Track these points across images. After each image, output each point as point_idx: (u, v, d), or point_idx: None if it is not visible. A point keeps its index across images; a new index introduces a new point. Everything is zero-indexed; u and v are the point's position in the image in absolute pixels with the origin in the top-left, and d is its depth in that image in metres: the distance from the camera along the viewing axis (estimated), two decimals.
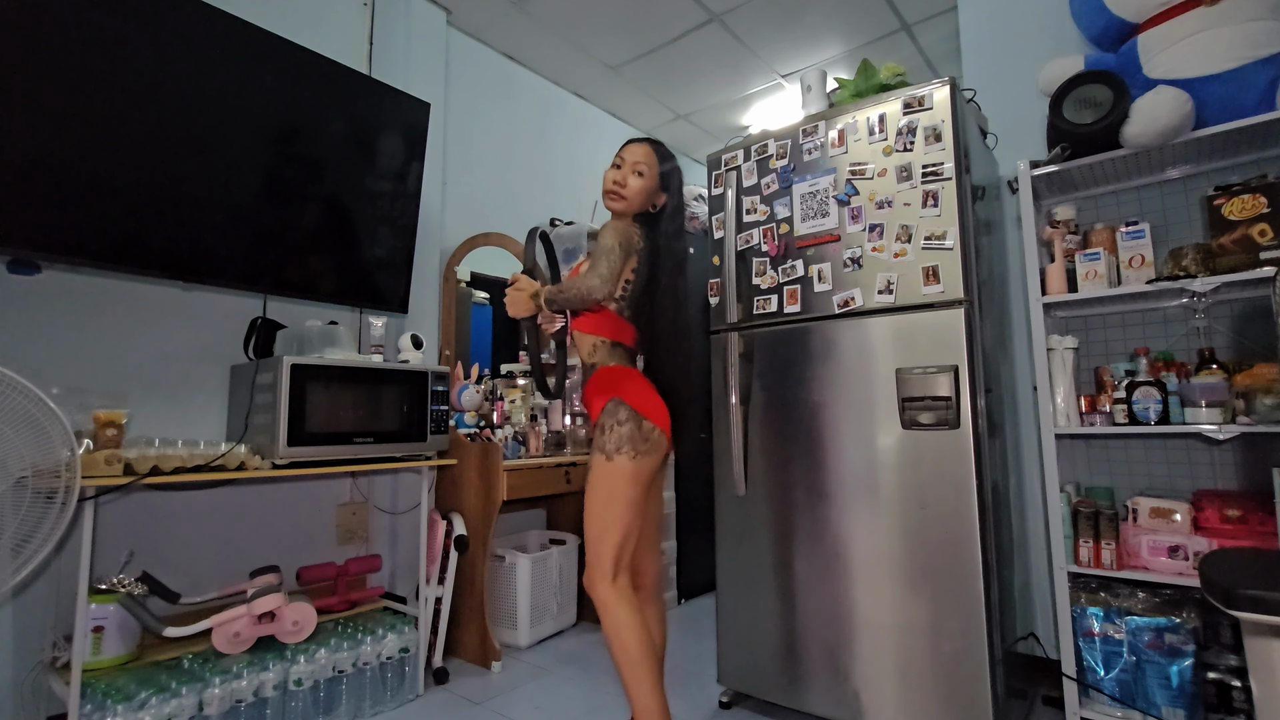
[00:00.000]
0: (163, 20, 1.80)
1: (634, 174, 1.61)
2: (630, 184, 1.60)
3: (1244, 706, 1.52)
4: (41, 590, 1.74)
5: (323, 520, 2.39)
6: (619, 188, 1.61)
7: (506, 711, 2.00)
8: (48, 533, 1.37)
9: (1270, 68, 1.64)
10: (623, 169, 1.62)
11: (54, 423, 1.38)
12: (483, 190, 3.12)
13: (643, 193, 1.62)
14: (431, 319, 2.75)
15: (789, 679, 1.83)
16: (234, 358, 2.16)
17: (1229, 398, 1.58)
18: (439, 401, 2.23)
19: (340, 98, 2.21)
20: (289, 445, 1.83)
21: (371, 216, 2.33)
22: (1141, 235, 1.75)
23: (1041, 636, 2.06)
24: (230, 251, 1.98)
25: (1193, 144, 1.71)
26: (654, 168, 1.62)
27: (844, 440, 1.78)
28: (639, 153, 1.63)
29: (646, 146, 1.64)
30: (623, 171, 1.61)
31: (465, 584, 2.37)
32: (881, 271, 1.76)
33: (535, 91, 3.46)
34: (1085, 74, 1.79)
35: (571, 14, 2.98)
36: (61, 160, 1.65)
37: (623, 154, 1.64)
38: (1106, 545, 1.69)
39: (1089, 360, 2.00)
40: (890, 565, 1.68)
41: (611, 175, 1.62)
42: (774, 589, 1.87)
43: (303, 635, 1.83)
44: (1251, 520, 1.60)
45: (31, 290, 1.80)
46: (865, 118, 1.83)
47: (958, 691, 1.57)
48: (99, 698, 1.52)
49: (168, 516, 1.99)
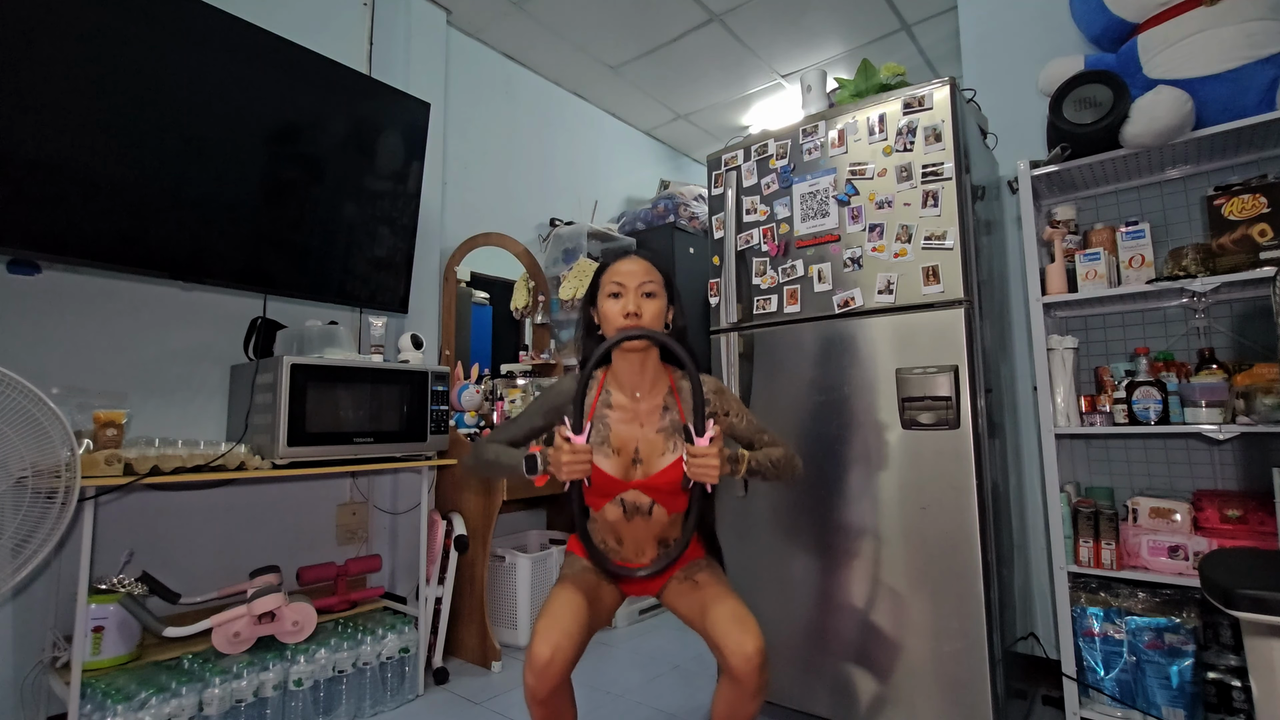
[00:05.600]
0: (163, 20, 1.80)
1: (642, 297, 1.34)
2: (646, 312, 1.33)
3: (1244, 706, 1.52)
4: (41, 590, 1.74)
5: (323, 520, 2.39)
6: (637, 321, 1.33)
7: (506, 711, 2.00)
8: (48, 533, 1.37)
9: (1270, 68, 1.64)
10: (625, 297, 1.33)
11: (54, 423, 1.38)
12: (483, 190, 3.12)
13: (660, 316, 1.36)
14: (431, 319, 2.75)
15: (789, 679, 1.83)
16: (234, 358, 2.16)
17: (1229, 398, 1.58)
18: (439, 401, 2.23)
19: (340, 98, 2.21)
20: (289, 445, 1.83)
21: (371, 216, 2.33)
22: (1141, 235, 1.75)
23: (1041, 636, 2.06)
24: (230, 251, 1.98)
25: (1193, 144, 1.71)
26: (658, 280, 1.37)
27: (844, 440, 1.78)
28: (636, 270, 1.35)
29: (639, 261, 1.38)
30: (629, 300, 1.33)
31: (465, 584, 2.37)
32: (881, 271, 1.76)
33: (535, 91, 3.46)
34: (1085, 74, 1.79)
35: (571, 14, 2.98)
36: (61, 160, 1.65)
37: (615, 278, 1.35)
38: (1106, 545, 1.69)
39: (1089, 360, 2.00)
40: (890, 565, 1.68)
41: (617, 308, 1.33)
42: (774, 589, 1.87)
43: (303, 635, 1.83)
44: (1251, 520, 1.60)
45: (31, 290, 1.80)
46: (865, 118, 1.83)
47: (958, 691, 1.57)
48: (99, 698, 1.52)
49: (168, 516, 1.99)
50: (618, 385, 1.39)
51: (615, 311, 1.33)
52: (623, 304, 1.33)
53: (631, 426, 1.36)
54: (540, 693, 1.19)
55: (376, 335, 2.34)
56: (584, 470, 1.26)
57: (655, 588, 1.44)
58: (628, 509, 1.35)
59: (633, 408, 1.37)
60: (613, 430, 1.35)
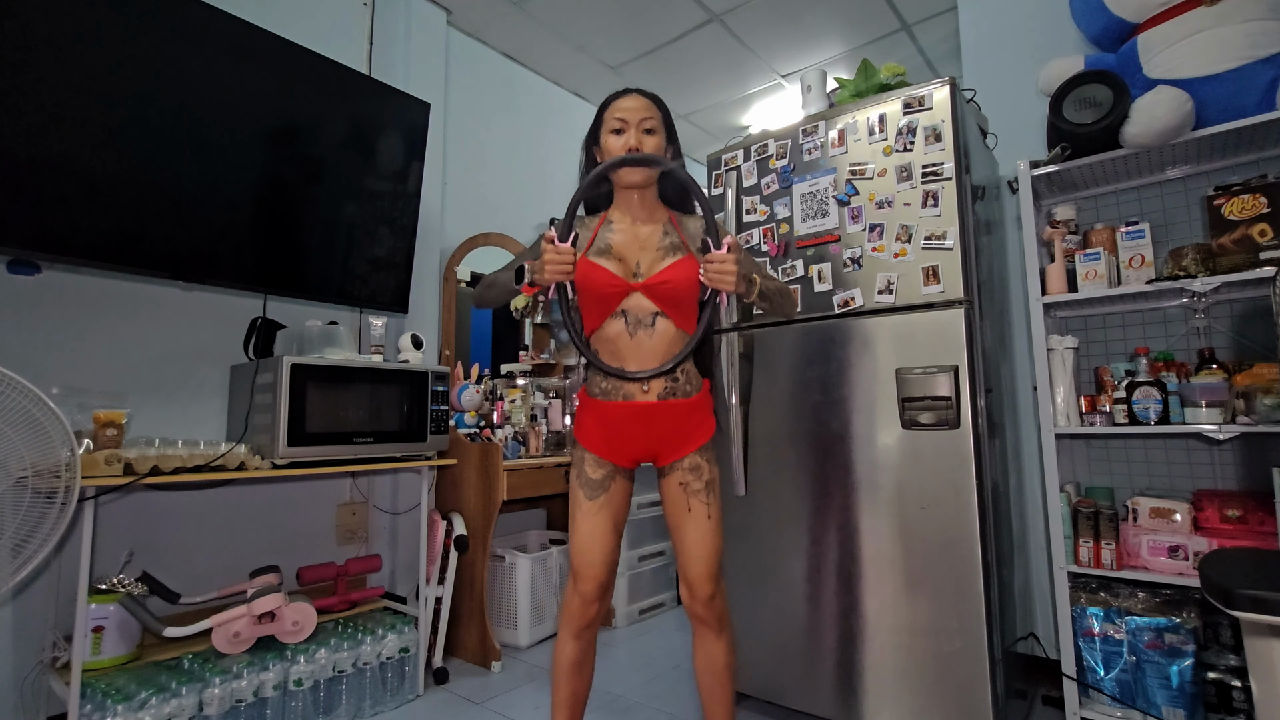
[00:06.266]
0: (163, 20, 1.80)
1: (643, 133, 1.38)
2: (646, 147, 1.37)
3: (1244, 706, 1.52)
4: (41, 590, 1.74)
5: (323, 520, 2.39)
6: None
7: (506, 711, 2.00)
8: (48, 533, 1.37)
9: (1270, 68, 1.64)
10: (627, 132, 1.37)
11: (54, 423, 1.38)
12: (483, 190, 3.12)
13: (660, 150, 1.40)
14: (431, 319, 2.75)
15: (789, 679, 1.83)
16: (234, 358, 2.16)
17: (1229, 398, 1.58)
18: (439, 401, 2.23)
19: (340, 98, 2.21)
20: (289, 445, 1.83)
21: (371, 216, 2.33)
22: (1141, 235, 1.75)
23: (1041, 636, 2.06)
24: (230, 251, 1.98)
25: (1193, 144, 1.71)
26: (657, 117, 1.40)
27: (844, 440, 1.78)
28: (637, 106, 1.39)
29: (639, 97, 1.41)
30: (630, 135, 1.37)
31: (465, 584, 2.37)
32: (881, 271, 1.76)
33: (535, 91, 3.46)
34: (1085, 74, 1.79)
35: (571, 14, 2.98)
36: (61, 160, 1.65)
37: (617, 115, 1.39)
38: (1106, 545, 1.69)
39: (1089, 360, 2.00)
40: (890, 565, 1.68)
41: (618, 144, 1.38)
42: (774, 589, 1.87)
43: (303, 635, 1.83)
44: (1251, 520, 1.60)
45: (31, 290, 1.80)
46: (865, 118, 1.83)
47: (958, 691, 1.57)
48: (99, 698, 1.52)
49: (168, 516, 1.99)
50: (618, 215, 1.43)
51: (617, 147, 1.37)
52: (624, 139, 1.36)
53: (632, 246, 1.39)
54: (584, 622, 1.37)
55: (376, 335, 2.34)
56: (565, 271, 1.28)
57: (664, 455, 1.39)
58: (630, 320, 1.35)
59: (633, 230, 1.41)
60: (614, 243, 1.39)
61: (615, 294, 1.34)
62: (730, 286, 1.27)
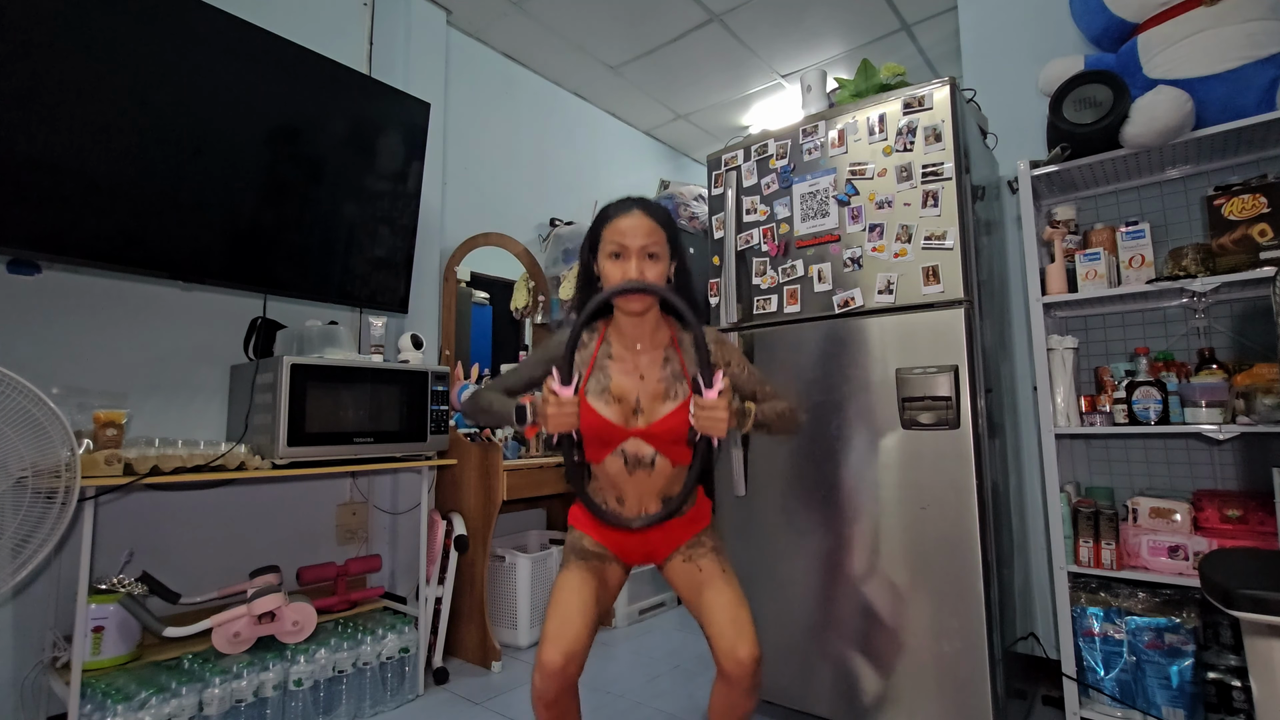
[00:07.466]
0: (163, 20, 1.80)
1: (646, 259, 1.26)
2: (649, 275, 1.25)
3: (1244, 706, 1.52)
4: (41, 590, 1.74)
5: (323, 520, 2.39)
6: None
7: (506, 711, 2.00)
8: (48, 533, 1.37)
9: (1270, 68, 1.64)
10: (628, 260, 1.25)
11: (54, 423, 1.38)
12: (483, 190, 3.12)
13: (662, 277, 1.28)
14: (431, 319, 2.75)
15: (789, 679, 1.83)
16: (234, 358, 2.16)
17: (1229, 398, 1.58)
18: (439, 401, 2.23)
19: (340, 98, 2.21)
20: (289, 445, 1.83)
21: (371, 216, 2.33)
22: (1141, 235, 1.75)
23: (1041, 636, 2.06)
24: (230, 251, 1.98)
25: (1193, 144, 1.71)
26: (661, 239, 1.27)
27: (844, 440, 1.78)
28: (639, 229, 1.25)
29: (642, 216, 1.27)
30: (631, 265, 1.25)
31: (465, 584, 2.37)
32: (881, 271, 1.76)
33: (535, 91, 3.46)
34: (1085, 74, 1.79)
35: (571, 14, 2.98)
36: (61, 160, 1.65)
37: (616, 237, 1.26)
38: (1106, 545, 1.69)
39: (1089, 360, 2.00)
40: (890, 565, 1.68)
41: (616, 272, 1.25)
42: (774, 589, 1.87)
43: (303, 635, 1.83)
44: (1251, 520, 1.60)
45: (31, 290, 1.80)
46: (865, 118, 1.83)
47: (958, 691, 1.57)
48: (99, 698, 1.52)
49: (168, 516, 1.99)
50: (618, 337, 1.35)
51: (616, 277, 1.26)
52: (624, 269, 1.25)
53: (632, 378, 1.31)
54: (549, 695, 1.19)
55: (376, 335, 2.34)
56: (570, 423, 1.22)
57: (661, 554, 1.37)
58: (629, 460, 1.31)
59: (633, 359, 1.33)
60: (613, 380, 1.31)
61: (614, 439, 1.29)
62: (721, 433, 1.20)
